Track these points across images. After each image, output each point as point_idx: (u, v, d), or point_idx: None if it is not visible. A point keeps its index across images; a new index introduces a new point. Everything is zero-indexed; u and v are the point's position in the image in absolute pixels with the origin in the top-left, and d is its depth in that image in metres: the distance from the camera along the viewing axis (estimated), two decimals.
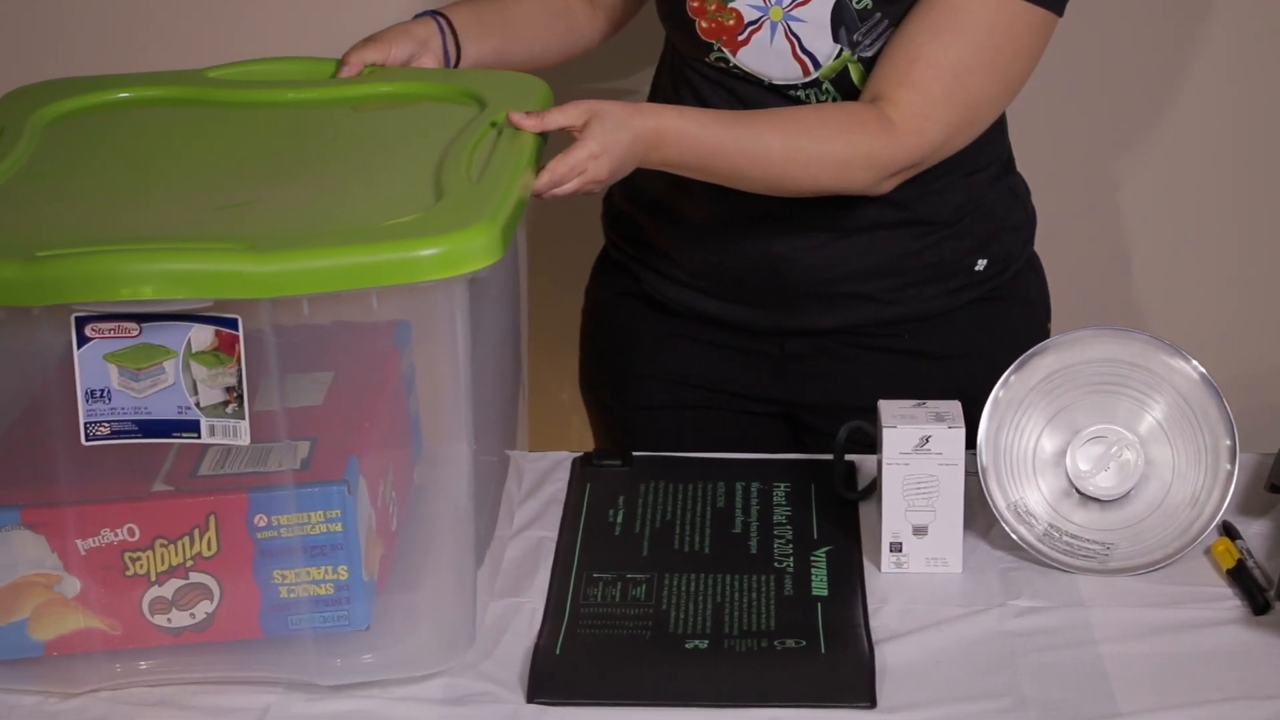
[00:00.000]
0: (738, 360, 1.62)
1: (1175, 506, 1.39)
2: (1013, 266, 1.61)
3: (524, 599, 1.34)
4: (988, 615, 1.31)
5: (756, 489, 1.48)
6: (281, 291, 1.12)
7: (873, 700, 1.22)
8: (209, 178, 1.31)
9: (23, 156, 1.32)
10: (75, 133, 1.39)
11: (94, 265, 1.12)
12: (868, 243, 1.54)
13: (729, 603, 1.32)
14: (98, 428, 1.17)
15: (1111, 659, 1.26)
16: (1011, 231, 1.60)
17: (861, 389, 1.51)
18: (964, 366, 1.48)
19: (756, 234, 1.54)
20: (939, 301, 1.58)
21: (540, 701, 1.22)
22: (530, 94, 1.42)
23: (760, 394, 1.63)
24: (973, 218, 1.56)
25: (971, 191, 1.56)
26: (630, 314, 1.66)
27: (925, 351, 1.58)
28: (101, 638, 1.24)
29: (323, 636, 1.24)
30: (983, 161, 1.56)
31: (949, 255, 1.56)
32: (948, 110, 1.43)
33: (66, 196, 1.29)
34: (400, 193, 1.23)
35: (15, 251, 1.14)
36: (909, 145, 1.42)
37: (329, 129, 1.41)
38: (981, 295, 1.59)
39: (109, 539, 1.22)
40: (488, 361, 1.30)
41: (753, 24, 1.48)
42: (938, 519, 1.36)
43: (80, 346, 1.15)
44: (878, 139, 1.42)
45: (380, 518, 1.29)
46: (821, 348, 1.59)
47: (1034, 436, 1.40)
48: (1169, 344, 1.40)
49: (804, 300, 1.56)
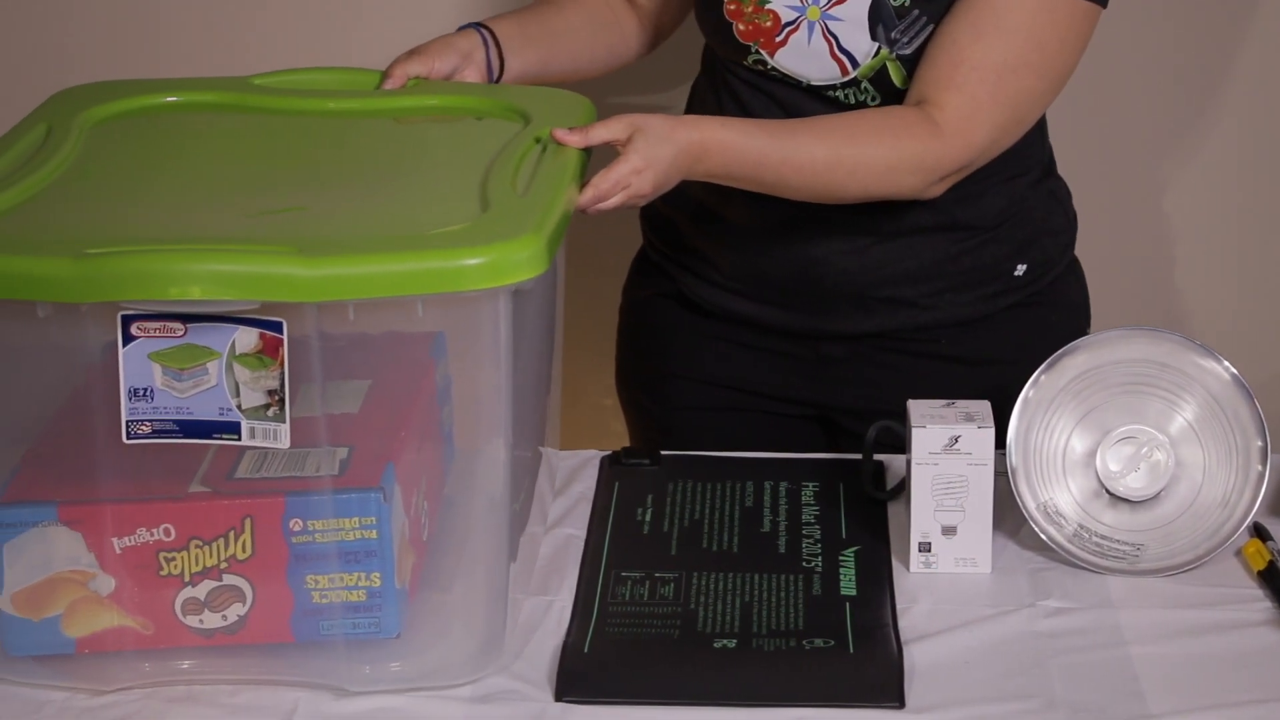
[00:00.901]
0: (773, 363, 1.62)
1: (1206, 508, 1.39)
2: (1052, 271, 1.60)
3: (552, 597, 1.34)
4: (1017, 616, 1.31)
5: (785, 488, 1.48)
6: (327, 296, 1.13)
7: (901, 700, 1.22)
8: (255, 182, 1.32)
9: (70, 155, 1.33)
10: (122, 134, 1.40)
11: (143, 264, 1.13)
12: (905, 247, 1.54)
13: (757, 602, 1.33)
14: (139, 426, 1.17)
15: (1141, 660, 1.26)
16: (1051, 236, 1.60)
17: (897, 393, 1.50)
18: (1001, 372, 1.48)
19: (794, 237, 1.54)
20: (977, 307, 1.57)
21: (568, 700, 1.23)
22: (574, 111, 1.43)
23: (795, 397, 1.64)
24: (1012, 222, 1.56)
25: (1011, 196, 1.55)
26: (666, 315, 1.66)
27: (962, 357, 1.58)
28: (133, 637, 1.24)
29: (353, 643, 1.24)
30: (1023, 166, 1.55)
31: (988, 260, 1.56)
32: (994, 111, 1.43)
33: (114, 196, 1.30)
34: (445, 203, 1.24)
35: (65, 248, 1.14)
36: (956, 148, 1.42)
37: (373, 139, 1.41)
38: (1020, 300, 1.59)
39: (144, 538, 1.23)
40: (525, 366, 1.30)
41: (790, 25, 1.48)
42: (967, 519, 1.36)
43: (125, 345, 1.16)
44: (924, 143, 1.41)
45: (413, 526, 1.30)
46: (857, 352, 1.59)
47: (1064, 437, 1.40)
48: (1200, 344, 1.40)
49: (840, 304, 1.56)
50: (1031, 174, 1.57)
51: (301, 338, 1.17)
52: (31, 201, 1.26)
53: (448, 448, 1.41)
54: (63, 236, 1.19)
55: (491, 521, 1.27)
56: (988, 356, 1.58)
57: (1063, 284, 1.61)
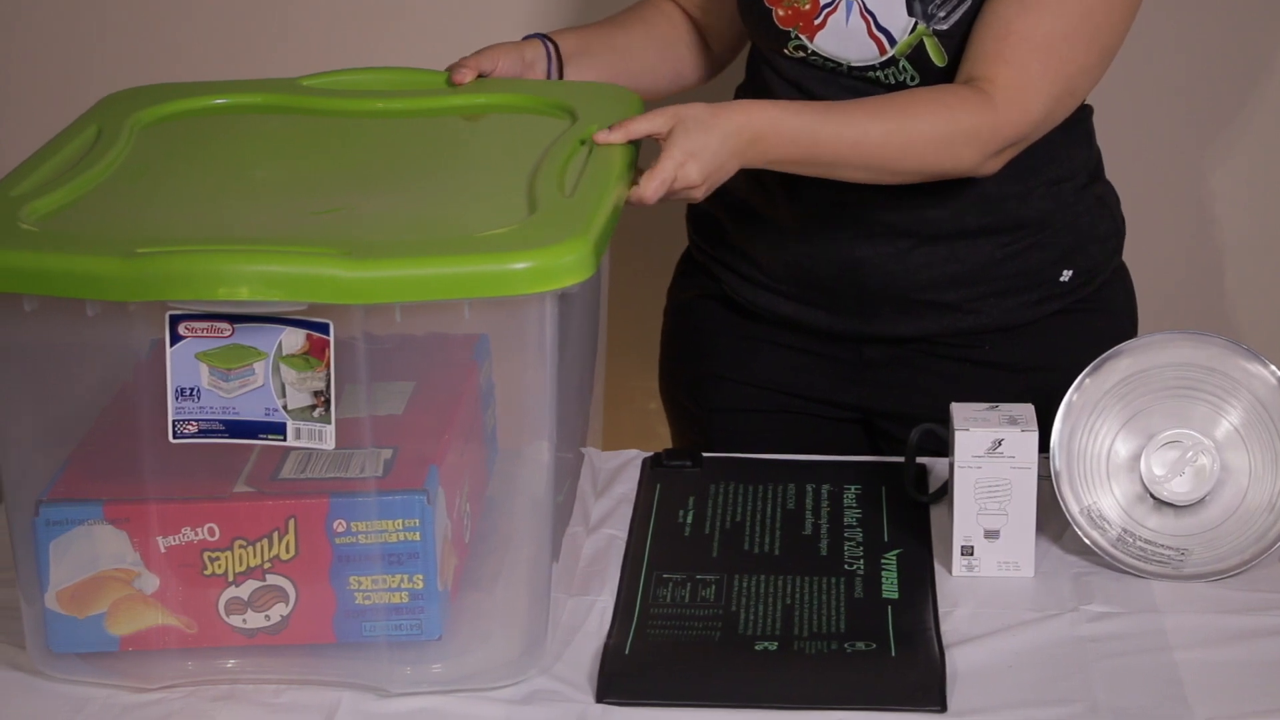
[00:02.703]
0: (816, 365, 1.63)
1: (1252, 512, 1.38)
2: (1098, 277, 1.59)
3: (594, 598, 1.34)
4: (1060, 620, 1.31)
5: (827, 491, 1.48)
6: (373, 298, 1.13)
7: (943, 704, 1.21)
8: (303, 183, 1.33)
9: (120, 156, 1.34)
10: (171, 136, 1.41)
11: (192, 264, 1.13)
12: (949, 250, 1.54)
13: (799, 604, 1.33)
14: (185, 426, 1.18)
15: (1186, 666, 1.26)
16: (1098, 242, 1.59)
17: (940, 397, 1.50)
18: (1045, 378, 1.47)
19: (837, 238, 1.54)
20: (1021, 313, 1.57)
21: (609, 701, 1.23)
22: (621, 106, 1.43)
23: (838, 399, 1.64)
24: (1058, 227, 1.56)
25: (1057, 200, 1.55)
26: (710, 316, 1.66)
27: (1006, 363, 1.58)
28: (177, 635, 1.25)
29: (395, 644, 1.25)
30: (1068, 170, 1.55)
31: (1033, 265, 1.56)
32: (1045, 83, 1.41)
33: (163, 196, 1.31)
34: (492, 205, 1.24)
35: (115, 248, 1.15)
36: (1012, 120, 1.41)
37: (420, 139, 1.41)
38: (1065, 307, 1.58)
39: (189, 538, 1.23)
40: (569, 368, 1.30)
41: (828, 6, 1.48)
42: (1010, 523, 1.36)
43: (173, 344, 1.16)
44: (979, 115, 1.40)
45: (455, 528, 1.30)
46: (900, 356, 1.59)
47: (1108, 441, 1.40)
48: (1246, 348, 1.39)
49: (883, 307, 1.56)
50: (1077, 178, 1.56)
51: (348, 339, 1.17)
52: (82, 200, 1.27)
53: (491, 449, 1.41)
54: (112, 236, 1.20)
55: (534, 523, 1.28)
56: (1031, 363, 1.58)
57: (1109, 290, 1.61)
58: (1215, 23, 1.94)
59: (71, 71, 2.06)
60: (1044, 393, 1.41)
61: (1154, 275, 1.72)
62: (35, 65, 2.08)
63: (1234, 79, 1.98)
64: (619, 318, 1.57)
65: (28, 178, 1.29)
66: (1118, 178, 1.63)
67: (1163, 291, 1.79)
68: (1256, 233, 2.05)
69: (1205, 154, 2.02)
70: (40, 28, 2.07)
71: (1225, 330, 1.97)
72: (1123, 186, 1.64)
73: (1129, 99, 1.92)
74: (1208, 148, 2.01)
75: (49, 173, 1.30)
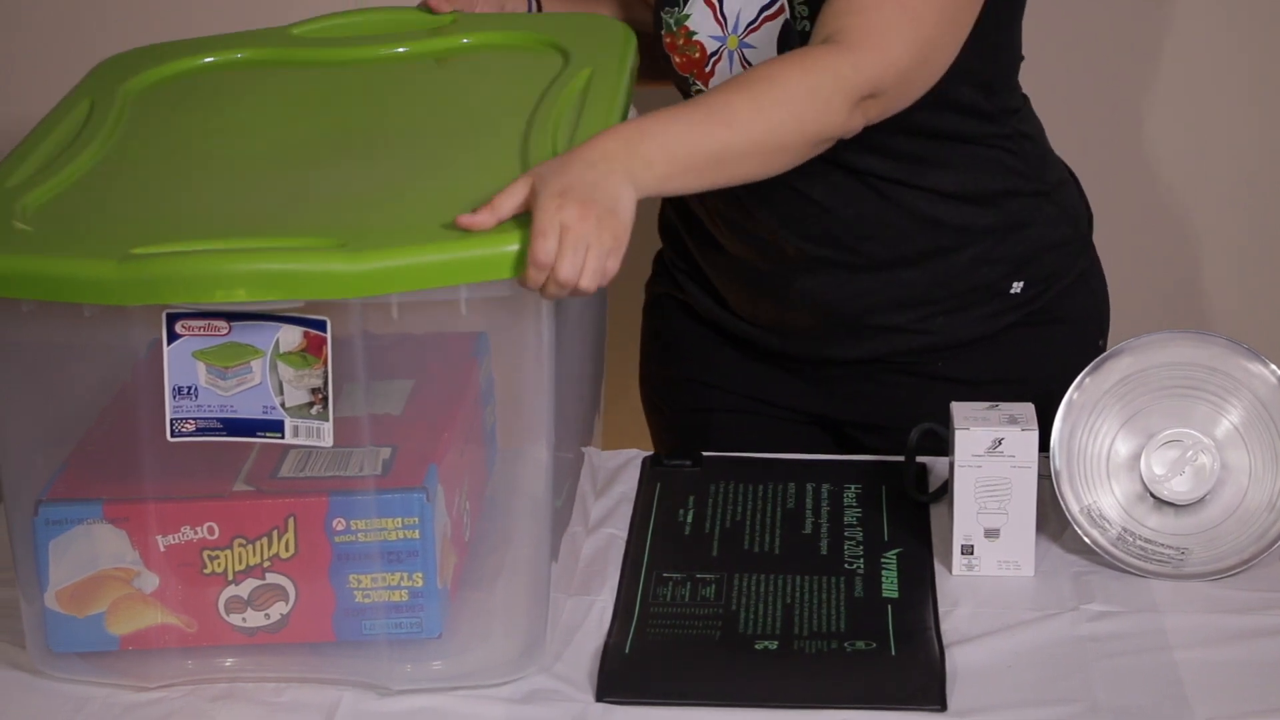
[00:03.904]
0: (777, 376, 1.63)
1: (1252, 511, 1.38)
2: (1058, 285, 1.57)
3: (594, 597, 1.35)
4: (1060, 619, 1.31)
5: (827, 490, 1.49)
6: (372, 291, 1.13)
7: (943, 704, 1.22)
8: (296, 153, 1.32)
9: (112, 135, 1.33)
10: (162, 107, 1.40)
11: (188, 266, 1.13)
12: (890, 276, 1.53)
13: (799, 604, 1.33)
14: (184, 424, 1.18)
15: (1186, 665, 1.26)
16: (1053, 250, 1.57)
17: (903, 407, 1.52)
18: (1005, 391, 1.46)
19: (783, 272, 1.55)
20: (974, 328, 1.56)
21: (609, 700, 1.23)
22: (613, 40, 1.42)
23: (802, 407, 1.64)
24: (1007, 241, 1.54)
25: (1001, 216, 1.53)
26: (676, 317, 1.67)
27: (963, 378, 1.57)
28: (177, 634, 1.25)
29: (395, 642, 1.25)
30: (1014, 185, 1.53)
31: (980, 282, 1.54)
32: (901, 24, 1.36)
33: (156, 182, 1.29)
34: (487, 174, 1.23)
35: (108, 249, 1.15)
36: (872, 60, 1.35)
37: (414, 93, 1.40)
38: (1022, 319, 1.56)
39: (189, 536, 1.24)
40: (569, 365, 1.30)
41: (714, 55, 1.50)
42: (1010, 522, 1.36)
43: (170, 343, 1.17)
44: (840, 58, 1.34)
45: (455, 527, 1.30)
46: (859, 372, 1.59)
47: (1108, 440, 1.40)
48: (1247, 348, 1.39)
49: (835, 332, 1.57)
50: (1024, 194, 1.54)
51: (345, 337, 1.17)
52: (76, 189, 1.26)
53: (490, 448, 1.41)
54: (105, 234, 1.19)
55: (533, 522, 1.28)
56: (989, 376, 1.56)
57: (1071, 296, 1.59)
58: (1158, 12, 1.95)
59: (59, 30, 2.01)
60: None
61: (1125, 272, 1.71)
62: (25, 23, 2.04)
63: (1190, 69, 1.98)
64: (616, 314, 1.57)
65: (21, 166, 1.28)
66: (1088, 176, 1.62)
67: (1137, 286, 1.79)
68: (1219, 223, 2.05)
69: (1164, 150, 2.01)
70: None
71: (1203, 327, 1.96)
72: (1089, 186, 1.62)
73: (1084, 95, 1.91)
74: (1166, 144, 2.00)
75: (43, 158, 1.29)
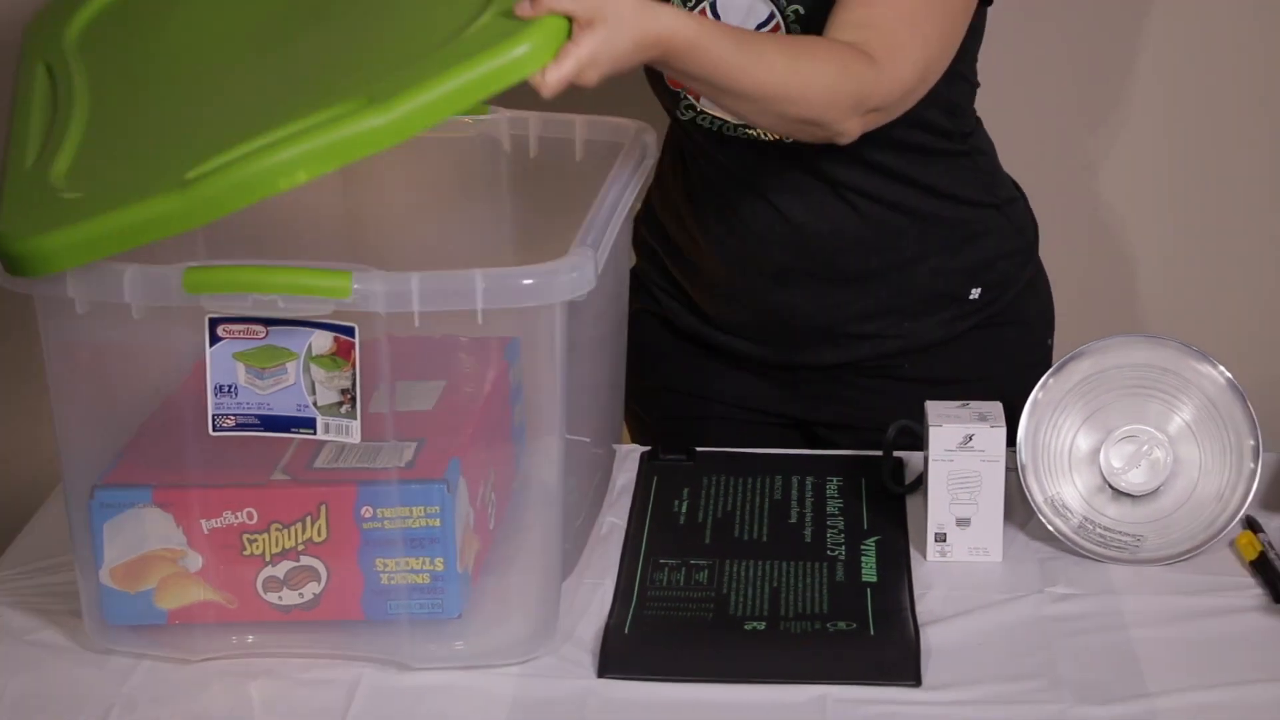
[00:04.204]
0: (754, 383, 1.63)
1: (1202, 502, 1.40)
2: (1010, 291, 1.59)
3: (597, 581, 1.36)
4: (1026, 601, 1.33)
5: (811, 483, 1.50)
6: (416, 130, 1.11)
7: (918, 679, 1.24)
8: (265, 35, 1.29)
9: (85, 86, 1.29)
10: (112, 41, 1.35)
11: (243, 170, 1.10)
12: (860, 288, 1.55)
13: (785, 587, 1.35)
14: (224, 420, 1.21)
15: (1141, 643, 1.28)
16: (1006, 258, 1.59)
17: (872, 410, 1.54)
18: (965, 390, 1.46)
19: (756, 284, 1.56)
20: (937, 331, 1.58)
21: (609, 676, 1.25)
22: None
23: (777, 410, 1.64)
24: (961, 253, 1.56)
25: (960, 227, 1.56)
26: (654, 332, 1.67)
27: (928, 378, 1.58)
28: (218, 610, 1.28)
29: (418, 622, 1.26)
30: (970, 196, 1.56)
31: (941, 289, 1.57)
32: (914, 47, 1.38)
33: (156, 108, 1.26)
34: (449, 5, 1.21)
35: (164, 182, 1.12)
36: (889, 80, 1.36)
37: None
38: (979, 323, 1.58)
39: (230, 520, 1.26)
40: (586, 367, 1.31)
41: None
42: (980, 511, 1.38)
43: (212, 345, 1.19)
44: (866, 70, 1.34)
45: (479, 517, 1.31)
46: (832, 377, 1.60)
47: (1070, 435, 1.41)
48: (1198, 350, 1.41)
49: (809, 340, 1.58)
50: (979, 205, 1.56)
51: (374, 342, 1.19)
52: (89, 148, 1.23)
53: (519, 444, 1.42)
54: (148, 173, 1.15)
55: (546, 512, 1.29)
56: (951, 376, 1.58)
57: (1021, 301, 1.60)
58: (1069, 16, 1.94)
59: None
60: None
61: (1070, 277, 1.72)
62: None
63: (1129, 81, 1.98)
64: None
65: (26, 148, 1.25)
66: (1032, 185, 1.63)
67: (1079, 291, 1.78)
68: (1166, 229, 2.04)
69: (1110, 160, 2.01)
70: None
71: (1136, 328, 1.98)
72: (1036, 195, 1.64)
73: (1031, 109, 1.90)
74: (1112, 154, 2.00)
75: (40, 133, 1.26)
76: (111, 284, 1.20)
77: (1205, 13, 1.95)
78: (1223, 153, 2.02)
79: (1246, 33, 1.96)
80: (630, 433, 1.75)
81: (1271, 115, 2.00)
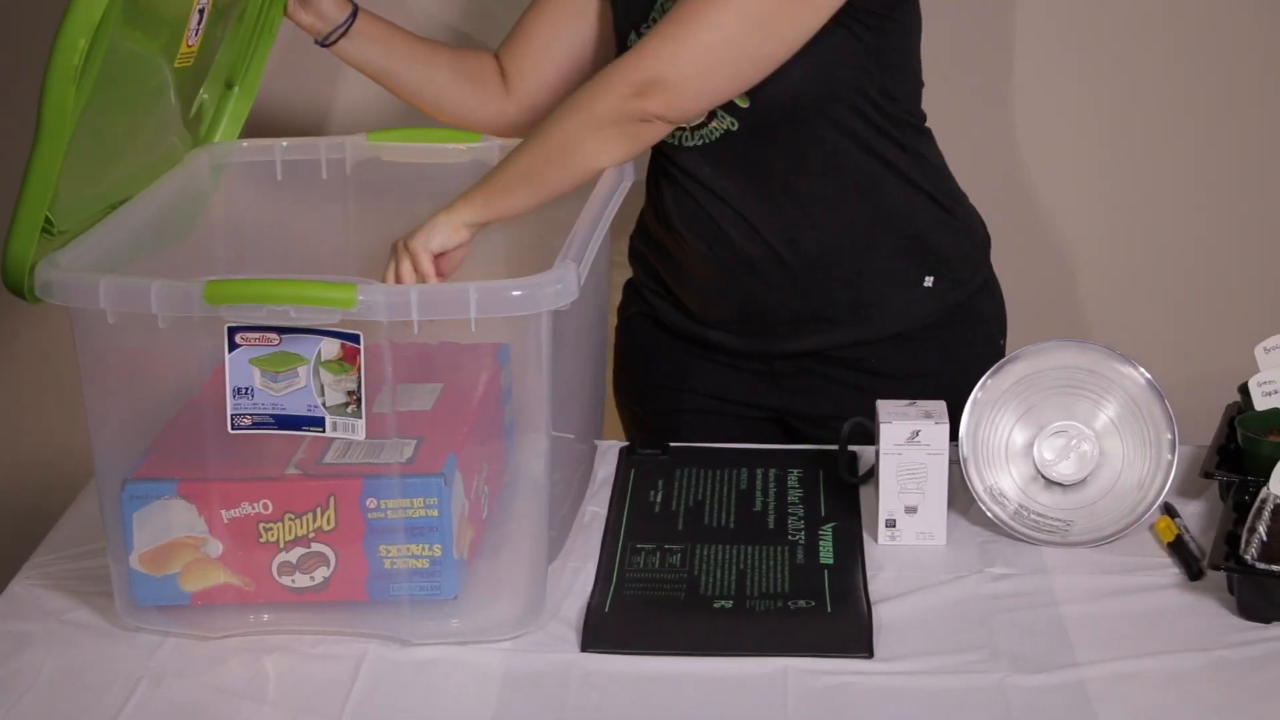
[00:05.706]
0: (736, 376, 1.70)
1: (1125, 490, 1.45)
2: (964, 288, 1.64)
3: (580, 564, 1.42)
4: (967, 581, 1.39)
5: (774, 474, 1.56)
6: None
7: (870, 651, 1.29)
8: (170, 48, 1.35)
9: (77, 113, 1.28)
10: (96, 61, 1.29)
11: None
12: (822, 274, 1.61)
13: (750, 569, 1.40)
14: (242, 419, 1.26)
15: (1071, 618, 1.33)
16: (959, 258, 1.64)
17: (839, 401, 1.60)
18: (927, 384, 1.52)
19: (734, 279, 1.62)
20: (898, 321, 1.62)
21: (592, 650, 1.31)
22: None
23: (757, 403, 1.70)
24: (915, 246, 1.61)
25: (909, 222, 1.60)
26: (648, 334, 1.73)
27: (891, 372, 1.64)
28: (237, 592, 1.32)
29: (418, 602, 1.31)
30: (919, 185, 1.61)
31: (899, 278, 1.61)
32: (668, 27, 1.42)
33: None
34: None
35: None
36: (644, 55, 1.42)
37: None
38: (939, 320, 1.63)
39: (247, 511, 1.30)
40: (570, 365, 1.36)
41: None
42: (926, 500, 1.43)
43: (230, 351, 1.24)
44: (622, 58, 1.44)
45: (473, 507, 1.36)
46: (803, 367, 1.66)
47: (1007, 430, 1.47)
48: (1121, 354, 1.46)
49: (780, 328, 1.64)
50: (924, 193, 1.61)
51: (377, 348, 1.24)
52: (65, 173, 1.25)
53: (510, 440, 1.47)
54: None
55: (534, 502, 1.34)
56: (913, 370, 1.63)
57: (976, 302, 1.66)
58: None
59: None
60: (924, 395, 1.48)
61: (1019, 287, 1.75)
62: None
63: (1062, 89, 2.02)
64: None
65: None
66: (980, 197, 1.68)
67: (1027, 296, 1.80)
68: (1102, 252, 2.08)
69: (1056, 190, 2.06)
70: None
71: (1078, 331, 2.05)
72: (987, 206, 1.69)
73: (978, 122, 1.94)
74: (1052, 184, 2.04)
75: None
76: (140, 297, 1.26)
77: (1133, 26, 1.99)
78: (1156, 163, 2.05)
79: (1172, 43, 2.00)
80: (624, 428, 1.80)
81: (1196, 121, 2.04)
